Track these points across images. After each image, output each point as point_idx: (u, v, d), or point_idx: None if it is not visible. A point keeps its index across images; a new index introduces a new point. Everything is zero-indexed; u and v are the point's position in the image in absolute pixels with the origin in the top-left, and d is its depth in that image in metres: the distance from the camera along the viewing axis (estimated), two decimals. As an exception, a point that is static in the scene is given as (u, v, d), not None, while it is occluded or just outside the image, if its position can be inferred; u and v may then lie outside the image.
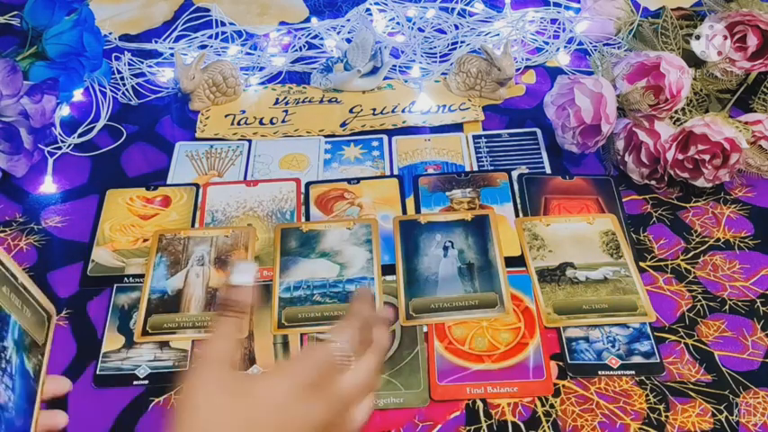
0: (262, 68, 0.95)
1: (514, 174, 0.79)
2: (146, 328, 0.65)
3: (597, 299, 0.66)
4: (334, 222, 0.74)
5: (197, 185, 0.78)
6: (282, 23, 1.03)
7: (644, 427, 0.58)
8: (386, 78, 0.92)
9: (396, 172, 0.81)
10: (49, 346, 0.41)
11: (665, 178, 0.75)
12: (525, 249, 0.71)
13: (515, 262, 0.70)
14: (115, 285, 0.69)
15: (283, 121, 0.88)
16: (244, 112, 0.89)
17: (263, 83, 0.93)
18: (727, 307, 0.67)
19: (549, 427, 0.58)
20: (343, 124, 0.87)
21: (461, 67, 0.89)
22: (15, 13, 1.02)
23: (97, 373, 0.62)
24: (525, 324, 0.65)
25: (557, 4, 1.02)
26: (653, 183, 0.77)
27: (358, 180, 0.79)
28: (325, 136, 0.86)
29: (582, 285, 0.68)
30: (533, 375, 0.61)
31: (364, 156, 0.83)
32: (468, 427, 0.58)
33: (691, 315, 0.66)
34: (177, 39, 0.99)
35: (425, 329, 0.65)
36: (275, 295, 0.67)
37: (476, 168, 0.81)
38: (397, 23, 1.00)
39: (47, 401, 0.40)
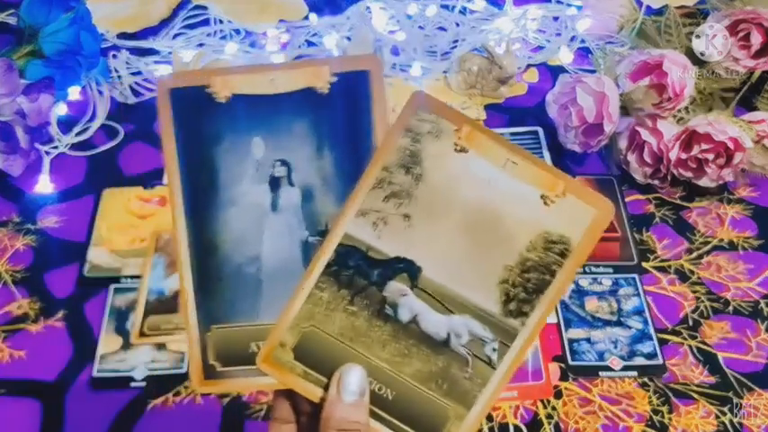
0: (260, 67, 0.94)
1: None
2: (143, 329, 0.64)
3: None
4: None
5: (195, 185, 0.77)
6: (281, 21, 1.02)
7: (647, 429, 0.58)
8: (386, 77, 0.92)
9: (396, 171, 0.79)
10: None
11: (668, 178, 0.75)
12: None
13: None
14: (112, 286, 0.68)
15: (283, 120, 0.87)
16: (243, 110, 0.88)
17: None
18: (730, 308, 0.66)
19: (550, 429, 0.58)
20: (343, 123, 0.86)
21: (462, 66, 0.88)
22: (12, 11, 1.01)
23: (94, 375, 0.62)
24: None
25: (559, 2, 1.01)
26: (656, 182, 0.76)
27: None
28: (325, 135, 0.85)
29: (383, 328, 0.35)
30: (532, 378, 0.61)
31: (364, 155, 0.82)
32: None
33: (694, 316, 0.65)
34: (175, 37, 0.98)
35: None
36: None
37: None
38: (397, 21, 0.99)
39: None
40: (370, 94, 0.32)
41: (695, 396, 0.60)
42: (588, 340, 0.63)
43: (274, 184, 0.32)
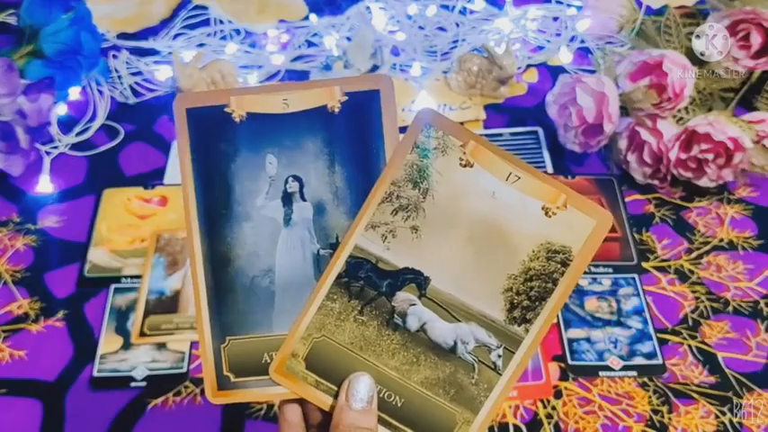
0: (260, 67, 0.94)
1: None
2: (143, 329, 0.64)
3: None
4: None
5: (195, 185, 0.77)
6: (281, 21, 1.02)
7: (647, 429, 0.58)
8: (386, 77, 0.92)
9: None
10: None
11: (668, 178, 0.75)
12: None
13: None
14: (112, 286, 0.68)
15: (283, 120, 0.87)
16: (243, 110, 0.88)
17: (261, 81, 0.93)
18: (730, 308, 0.66)
19: (550, 429, 0.58)
20: (343, 123, 0.86)
21: (462, 66, 0.88)
22: (12, 11, 1.01)
23: (94, 375, 0.62)
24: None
25: (559, 2, 1.01)
26: (656, 182, 0.76)
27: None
28: (325, 135, 0.85)
29: (398, 337, 0.35)
30: (532, 378, 0.61)
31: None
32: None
33: (694, 316, 0.65)
34: (175, 37, 0.98)
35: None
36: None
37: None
38: (397, 21, 0.99)
39: None
40: (381, 112, 0.33)
41: (695, 396, 0.60)
42: (588, 340, 0.64)
43: (287, 199, 0.33)
